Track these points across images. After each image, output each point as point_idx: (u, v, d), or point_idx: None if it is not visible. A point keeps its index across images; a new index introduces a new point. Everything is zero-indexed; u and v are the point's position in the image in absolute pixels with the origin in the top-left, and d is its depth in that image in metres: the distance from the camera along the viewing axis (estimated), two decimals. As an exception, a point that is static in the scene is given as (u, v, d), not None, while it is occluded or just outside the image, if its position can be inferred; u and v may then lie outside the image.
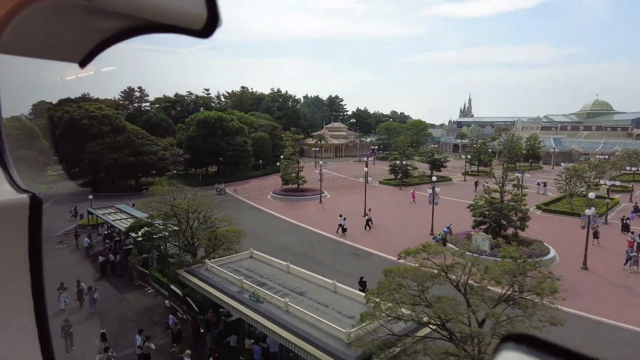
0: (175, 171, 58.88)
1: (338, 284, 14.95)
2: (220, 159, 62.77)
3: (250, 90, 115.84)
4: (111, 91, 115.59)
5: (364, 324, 10.39)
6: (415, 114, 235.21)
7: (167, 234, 18.52)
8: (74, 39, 0.84)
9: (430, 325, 9.88)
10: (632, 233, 30.38)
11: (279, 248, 27.90)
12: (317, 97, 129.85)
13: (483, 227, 27.90)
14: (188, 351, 14.13)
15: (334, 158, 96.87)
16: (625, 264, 25.52)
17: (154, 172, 55.57)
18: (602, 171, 43.06)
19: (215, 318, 16.74)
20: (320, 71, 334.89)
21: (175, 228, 19.13)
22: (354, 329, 10.56)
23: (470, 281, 10.98)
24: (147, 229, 17.88)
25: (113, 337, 16.25)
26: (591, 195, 28.31)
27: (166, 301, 20.08)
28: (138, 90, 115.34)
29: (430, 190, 33.41)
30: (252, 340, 14.84)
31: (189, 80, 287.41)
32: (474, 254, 26.00)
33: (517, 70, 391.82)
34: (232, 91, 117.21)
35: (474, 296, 10.42)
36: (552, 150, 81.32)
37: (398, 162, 56.08)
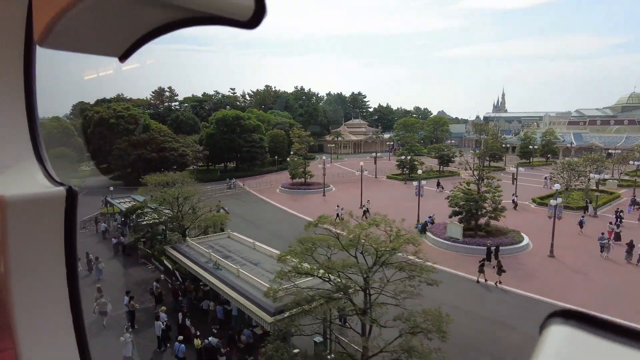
0: (194, 166, 63.15)
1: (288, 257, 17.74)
2: (238, 155, 66.63)
3: (273, 88, 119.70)
4: (144, 90, 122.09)
5: (282, 280, 13.09)
6: (449, 110, 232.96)
7: (156, 216, 21.88)
8: (119, 31, 0.84)
9: (322, 277, 12.48)
10: (611, 223, 31.49)
11: (271, 234, 30.94)
12: (339, 94, 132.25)
13: (459, 217, 29.81)
14: (163, 307, 17.41)
15: (353, 154, 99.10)
16: (602, 252, 26.90)
17: (175, 167, 59.95)
18: (602, 166, 43.54)
19: (192, 286, 19.94)
20: (353, 68, 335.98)
21: (168, 212, 22.47)
22: (275, 284, 13.31)
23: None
24: (139, 211, 21.28)
25: (112, 302, 19.71)
26: (556, 186, 29.59)
27: (162, 275, 23.50)
28: (168, 90, 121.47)
29: (417, 184, 35.51)
30: (215, 302, 17.90)
31: (224, 78, 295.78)
32: (447, 241, 28.26)
33: (558, 63, 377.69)
34: (257, 90, 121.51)
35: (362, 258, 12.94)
36: (571, 145, 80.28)
37: (403, 157, 57.89)
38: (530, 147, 71.77)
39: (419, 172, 42.75)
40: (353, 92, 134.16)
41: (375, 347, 12.08)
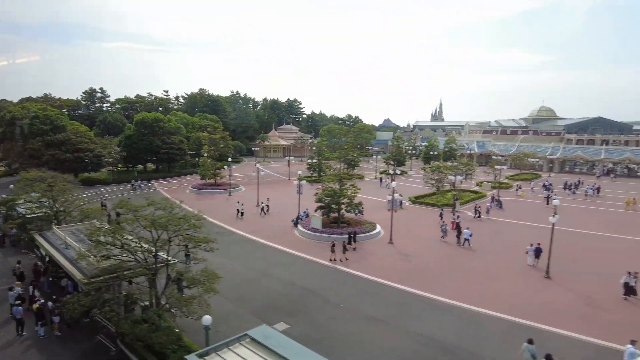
0: (112, 167, 64.62)
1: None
2: (156, 156, 68.72)
3: (207, 92, 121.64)
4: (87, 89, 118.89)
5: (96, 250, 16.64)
6: (399, 119, 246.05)
7: (30, 207, 24.65)
8: None
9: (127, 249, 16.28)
10: (454, 214, 37.76)
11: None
12: (275, 100, 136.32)
13: (321, 210, 34.63)
14: (18, 282, 20.46)
15: (282, 158, 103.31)
16: (442, 237, 32.60)
17: (90, 167, 61.26)
18: (469, 169, 50.42)
19: (53, 267, 23.05)
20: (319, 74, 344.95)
21: (44, 204, 25.31)
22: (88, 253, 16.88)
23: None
24: (11, 203, 24.01)
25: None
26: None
27: (38, 262, 26.20)
28: (99, 90, 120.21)
29: (297, 183, 40.09)
30: (67, 279, 21.18)
31: (178, 79, 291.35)
32: (310, 231, 32.67)
33: (496, 76, 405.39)
34: (191, 92, 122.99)
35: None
36: (470, 152, 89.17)
37: (313, 161, 62.85)
38: (432, 153, 79.26)
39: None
40: (289, 99, 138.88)
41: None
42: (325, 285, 23.45)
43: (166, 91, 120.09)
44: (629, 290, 21.25)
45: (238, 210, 40.81)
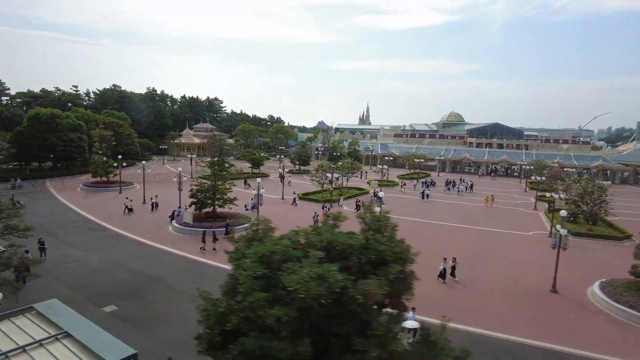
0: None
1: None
2: (52, 154, 66.34)
3: (120, 88, 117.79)
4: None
5: None
6: (328, 119, 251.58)
7: None
8: None
9: None
10: (324, 208, 41.56)
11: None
12: (194, 98, 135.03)
13: (195, 205, 36.58)
14: None
15: (198, 157, 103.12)
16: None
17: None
18: (349, 170, 54.75)
19: None
20: (240, 73, 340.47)
21: None
22: None
23: None
24: None
25: None
26: (258, 179, 38.21)
27: None
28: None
29: (177, 179, 41.65)
30: None
31: (94, 73, 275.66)
32: (182, 226, 34.22)
33: (422, 82, 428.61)
34: (103, 88, 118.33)
35: None
36: (373, 153, 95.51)
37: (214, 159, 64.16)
38: (335, 153, 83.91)
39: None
40: (208, 97, 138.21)
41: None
42: (173, 273, 25.50)
43: (75, 86, 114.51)
44: (442, 274, 24.88)
45: (126, 206, 41.63)
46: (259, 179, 37.98)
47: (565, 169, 79.18)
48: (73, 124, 69.42)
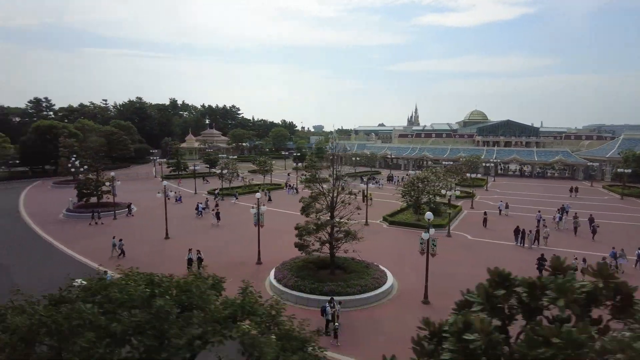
0: (2, 167, 75.47)
1: None
2: (52, 160, 79.23)
3: (141, 100, 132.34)
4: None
5: None
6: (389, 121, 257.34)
7: None
8: None
9: None
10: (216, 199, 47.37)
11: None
12: (210, 107, 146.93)
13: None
14: None
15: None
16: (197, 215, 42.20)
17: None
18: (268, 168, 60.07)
19: None
20: (306, 79, 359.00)
21: None
22: None
23: None
24: None
25: None
26: (218, 171, 44.99)
27: None
28: (44, 100, 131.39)
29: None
30: None
31: (166, 85, 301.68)
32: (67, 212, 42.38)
33: (488, 80, 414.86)
34: (126, 101, 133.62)
35: None
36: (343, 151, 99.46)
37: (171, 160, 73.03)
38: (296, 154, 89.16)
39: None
40: (225, 105, 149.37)
41: None
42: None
43: (105, 100, 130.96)
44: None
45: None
46: (258, 194, 29.78)
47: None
48: (71, 133, 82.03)
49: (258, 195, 28.01)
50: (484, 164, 76.78)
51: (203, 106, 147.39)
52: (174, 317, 6.00)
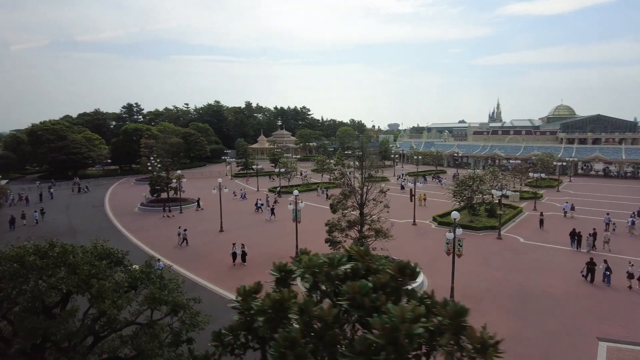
0: (97, 166, 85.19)
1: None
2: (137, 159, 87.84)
3: (219, 103, 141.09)
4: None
5: None
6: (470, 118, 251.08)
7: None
8: None
9: None
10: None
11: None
12: (282, 108, 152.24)
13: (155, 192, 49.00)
14: None
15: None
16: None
17: (77, 167, 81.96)
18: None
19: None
20: (381, 77, 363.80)
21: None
22: None
23: None
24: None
25: None
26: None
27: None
28: (135, 105, 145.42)
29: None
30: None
31: (247, 88, 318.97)
32: (142, 206, 47.31)
33: (580, 71, 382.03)
34: (207, 104, 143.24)
35: None
36: (404, 152, 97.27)
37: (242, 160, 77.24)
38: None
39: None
40: (296, 107, 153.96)
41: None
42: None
43: (187, 104, 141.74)
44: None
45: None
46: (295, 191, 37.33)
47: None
48: (153, 134, 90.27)
49: (295, 192, 29.17)
50: (560, 163, 70.85)
51: (275, 108, 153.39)
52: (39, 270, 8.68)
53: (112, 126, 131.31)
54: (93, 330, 8.98)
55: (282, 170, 55.41)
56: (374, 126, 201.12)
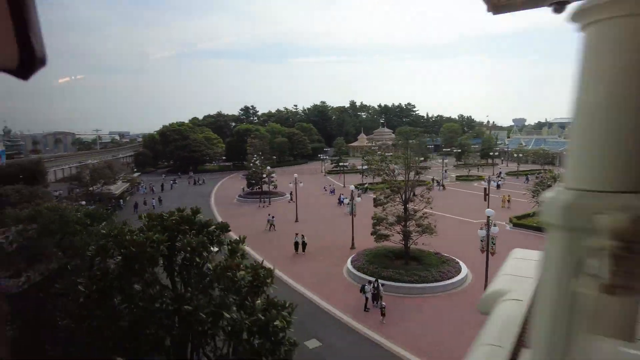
0: (213, 162, 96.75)
1: None
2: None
3: (324, 104, 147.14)
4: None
5: None
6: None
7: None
8: None
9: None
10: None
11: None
12: (385, 106, 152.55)
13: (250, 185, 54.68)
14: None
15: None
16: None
17: (197, 163, 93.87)
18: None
19: None
20: (501, 68, 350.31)
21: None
22: None
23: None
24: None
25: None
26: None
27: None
28: (251, 107, 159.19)
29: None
30: None
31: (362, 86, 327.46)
32: (239, 197, 53.94)
33: None
34: (314, 105, 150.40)
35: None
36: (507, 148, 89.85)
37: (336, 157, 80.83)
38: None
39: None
40: (400, 104, 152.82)
41: None
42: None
43: (295, 105, 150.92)
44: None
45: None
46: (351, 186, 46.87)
47: None
48: (260, 135, 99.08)
49: (351, 187, 31.10)
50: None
51: (379, 106, 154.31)
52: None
53: (232, 127, 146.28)
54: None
55: (366, 167, 57.20)
56: (488, 122, 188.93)
